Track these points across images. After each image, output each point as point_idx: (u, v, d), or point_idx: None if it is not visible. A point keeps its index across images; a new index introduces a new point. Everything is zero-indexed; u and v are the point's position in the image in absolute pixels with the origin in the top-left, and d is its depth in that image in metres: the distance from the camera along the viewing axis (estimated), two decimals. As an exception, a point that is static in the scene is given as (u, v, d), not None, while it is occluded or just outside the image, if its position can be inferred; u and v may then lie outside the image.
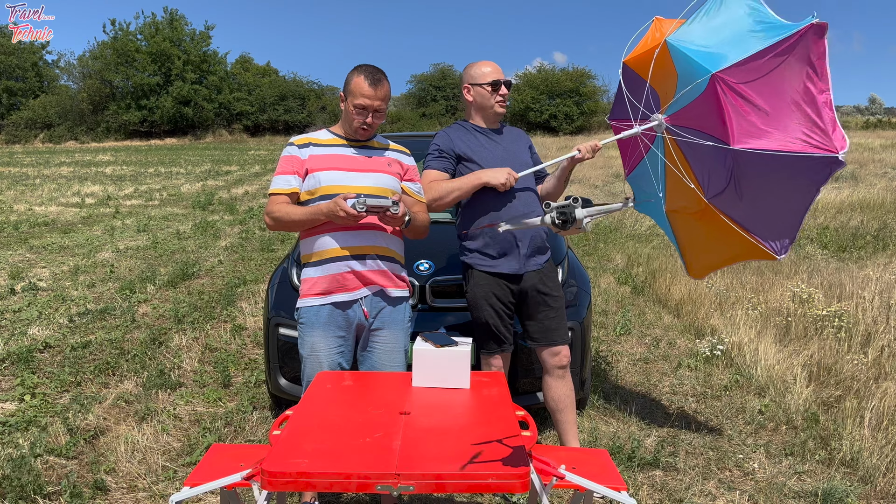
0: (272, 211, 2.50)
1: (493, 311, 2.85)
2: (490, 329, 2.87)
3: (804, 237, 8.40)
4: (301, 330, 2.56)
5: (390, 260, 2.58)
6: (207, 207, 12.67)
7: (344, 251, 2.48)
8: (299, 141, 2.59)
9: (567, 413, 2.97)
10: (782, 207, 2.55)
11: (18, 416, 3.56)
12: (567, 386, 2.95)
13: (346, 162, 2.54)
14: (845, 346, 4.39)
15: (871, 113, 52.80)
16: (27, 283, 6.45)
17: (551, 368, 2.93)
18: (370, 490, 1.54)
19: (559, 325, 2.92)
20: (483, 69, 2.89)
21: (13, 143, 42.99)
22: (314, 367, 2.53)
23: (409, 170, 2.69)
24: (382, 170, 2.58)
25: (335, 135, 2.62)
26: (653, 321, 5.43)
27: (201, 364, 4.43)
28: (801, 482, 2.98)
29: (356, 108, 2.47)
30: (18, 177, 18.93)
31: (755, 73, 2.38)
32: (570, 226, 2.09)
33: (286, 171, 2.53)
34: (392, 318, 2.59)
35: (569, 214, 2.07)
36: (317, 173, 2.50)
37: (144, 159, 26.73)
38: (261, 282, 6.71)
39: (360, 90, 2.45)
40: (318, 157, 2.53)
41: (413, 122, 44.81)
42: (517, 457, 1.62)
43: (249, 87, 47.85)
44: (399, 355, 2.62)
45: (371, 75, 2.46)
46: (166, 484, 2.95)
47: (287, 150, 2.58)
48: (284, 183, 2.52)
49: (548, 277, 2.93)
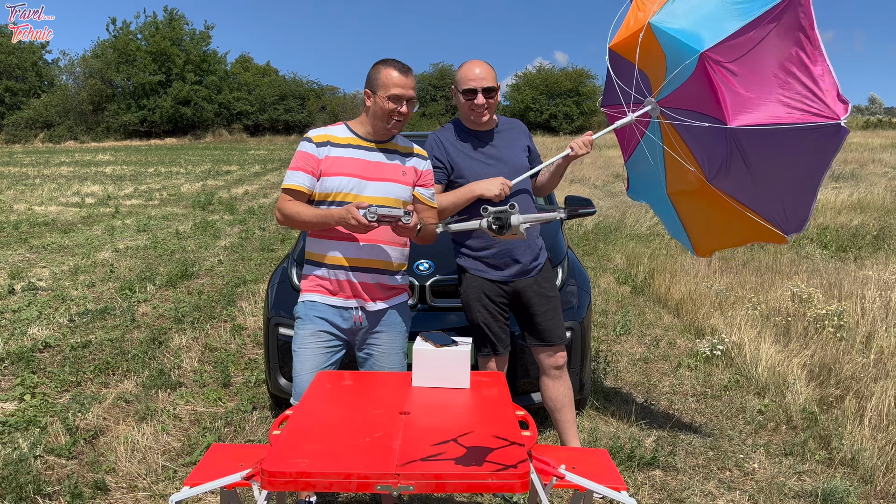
0: (284, 208, 2.48)
1: (487, 311, 2.84)
2: (483, 331, 2.86)
3: (804, 237, 8.40)
4: (297, 324, 2.57)
5: (392, 273, 2.58)
6: (207, 207, 12.67)
7: (348, 261, 2.49)
8: (318, 138, 2.52)
9: (565, 412, 2.96)
10: (790, 183, 2.50)
11: (18, 415, 3.56)
12: (564, 385, 2.94)
13: (360, 167, 2.50)
14: (845, 346, 4.39)
15: (871, 113, 52.79)
16: (27, 282, 6.45)
17: (548, 369, 2.92)
18: (370, 490, 1.54)
19: (555, 325, 2.90)
20: (464, 73, 2.76)
21: (13, 142, 42.99)
22: (301, 361, 2.52)
23: (423, 175, 2.64)
24: (395, 179, 2.54)
25: (354, 133, 2.56)
26: (653, 321, 5.43)
27: (201, 364, 4.43)
28: (801, 482, 2.98)
29: (391, 99, 2.43)
30: (18, 176, 18.93)
31: (744, 48, 2.35)
32: (507, 231, 2.11)
33: (301, 168, 2.49)
34: (389, 322, 2.59)
35: (504, 220, 2.09)
36: (331, 178, 2.47)
37: (144, 159, 26.72)
38: (261, 281, 6.71)
39: (392, 81, 2.42)
40: (333, 159, 2.50)
41: (413, 122, 44.80)
42: (517, 457, 1.62)
43: (249, 86, 47.85)
44: (397, 357, 2.62)
45: (400, 65, 2.45)
46: (166, 484, 2.95)
47: (304, 145, 2.52)
48: (298, 180, 2.49)
49: (543, 278, 2.92)
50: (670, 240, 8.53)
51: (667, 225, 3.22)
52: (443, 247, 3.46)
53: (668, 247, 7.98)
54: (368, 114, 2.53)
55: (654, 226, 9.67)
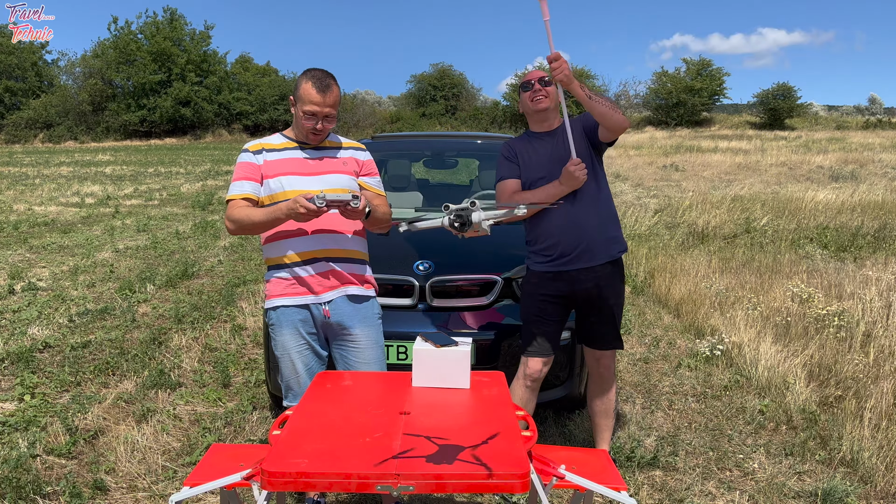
0: (232, 215, 2.48)
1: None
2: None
3: (804, 237, 8.41)
4: (272, 331, 2.58)
5: (351, 261, 2.57)
6: (207, 207, 12.67)
7: (306, 255, 2.49)
8: (253, 147, 2.58)
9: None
10: None
11: (18, 415, 3.56)
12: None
13: (300, 166, 2.53)
14: (845, 345, 4.39)
15: (871, 113, 52.76)
16: (27, 282, 6.45)
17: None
18: (370, 490, 1.54)
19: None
20: (525, 75, 2.84)
21: (13, 142, 42.99)
22: (287, 366, 2.56)
23: (364, 164, 2.67)
24: (338, 170, 2.56)
25: (288, 138, 2.60)
26: (653, 321, 5.43)
27: (201, 364, 4.43)
28: (801, 482, 2.98)
29: (305, 115, 2.44)
30: (18, 176, 18.92)
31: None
32: (468, 228, 2.10)
33: (243, 177, 2.53)
34: (358, 314, 2.58)
35: (466, 217, 2.08)
36: (273, 179, 2.50)
37: (144, 159, 26.72)
38: (260, 282, 6.71)
39: (308, 97, 2.41)
40: (272, 162, 2.53)
41: (413, 122, 44.81)
42: (517, 457, 1.62)
43: (249, 86, 47.81)
44: (373, 351, 2.60)
45: (319, 81, 2.42)
46: (166, 484, 2.94)
47: (242, 156, 2.57)
48: (243, 189, 2.51)
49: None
50: (670, 239, 8.54)
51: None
52: (443, 247, 3.46)
53: (668, 246, 7.99)
54: (294, 119, 2.57)
55: (654, 225, 9.67)
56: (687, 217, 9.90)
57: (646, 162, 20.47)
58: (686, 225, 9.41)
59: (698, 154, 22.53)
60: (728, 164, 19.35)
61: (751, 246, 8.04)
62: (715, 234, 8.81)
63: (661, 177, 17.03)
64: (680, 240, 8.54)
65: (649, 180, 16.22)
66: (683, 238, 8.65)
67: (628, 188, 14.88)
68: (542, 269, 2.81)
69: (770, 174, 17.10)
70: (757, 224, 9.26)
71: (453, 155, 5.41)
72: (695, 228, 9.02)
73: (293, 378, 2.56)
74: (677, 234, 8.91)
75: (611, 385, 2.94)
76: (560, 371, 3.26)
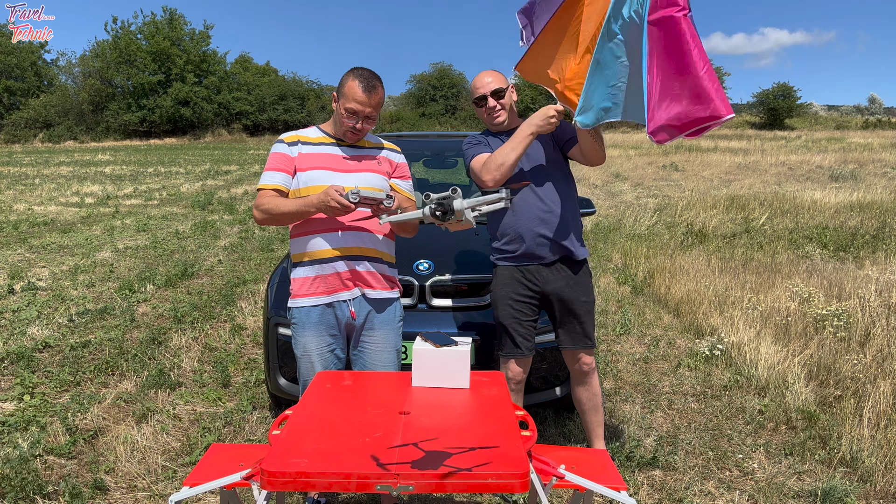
0: (261, 204, 2.46)
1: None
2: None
3: (803, 237, 8.41)
4: (293, 330, 2.56)
5: (379, 261, 2.56)
6: (207, 207, 12.66)
7: (334, 252, 2.47)
8: (289, 138, 2.56)
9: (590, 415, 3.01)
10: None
11: (18, 415, 3.56)
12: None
13: (335, 162, 2.52)
14: (844, 345, 4.39)
15: (871, 113, 52.81)
16: (26, 282, 6.45)
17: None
18: (370, 490, 1.54)
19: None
20: (474, 84, 2.83)
21: (13, 142, 42.98)
22: (307, 366, 2.54)
23: (398, 167, 2.67)
24: (370, 169, 2.55)
25: (325, 133, 2.59)
26: (652, 321, 5.43)
27: (201, 364, 4.43)
28: (800, 482, 2.99)
29: (347, 112, 2.44)
30: (18, 176, 18.91)
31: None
32: (451, 217, 2.02)
33: (276, 168, 2.51)
34: (382, 318, 2.58)
35: (447, 206, 2.00)
36: (306, 172, 2.49)
37: (144, 159, 26.71)
38: (260, 281, 6.71)
39: (353, 95, 2.40)
40: (307, 155, 2.51)
41: (412, 122, 44.81)
42: (517, 457, 1.62)
43: (249, 86, 47.83)
44: (390, 355, 2.61)
45: (366, 81, 2.41)
46: (166, 484, 2.94)
47: (277, 146, 2.56)
48: (274, 179, 2.50)
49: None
50: (669, 239, 8.54)
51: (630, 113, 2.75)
52: (443, 247, 3.46)
53: (668, 246, 7.99)
54: (334, 115, 2.56)
55: (654, 225, 9.67)
56: (686, 217, 9.91)
57: (645, 162, 20.49)
58: (685, 224, 9.42)
59: (698, 154, 22.55)
60: (728, 163, 19.37)
61: (750, 246, 8.04)
62: (714, 233, 8.82)
63: (661, 176, 17.04)
64: (679, 239, 8.54)
65: (649, 180, 16.23)
66: (683, 238, 8.65)
67: (628, 188, 14.89)
68: (508, 264, 2.84)
69: (770, 174, 17.12)
70: (756, 224, 9.27)
71: (453, 155, 5.41)
72: (694, 228, 9.03)
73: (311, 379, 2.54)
74: (677, 234, 8.91)
75: (593, 380, 2.95)
76: (559, 371, 3.26)
